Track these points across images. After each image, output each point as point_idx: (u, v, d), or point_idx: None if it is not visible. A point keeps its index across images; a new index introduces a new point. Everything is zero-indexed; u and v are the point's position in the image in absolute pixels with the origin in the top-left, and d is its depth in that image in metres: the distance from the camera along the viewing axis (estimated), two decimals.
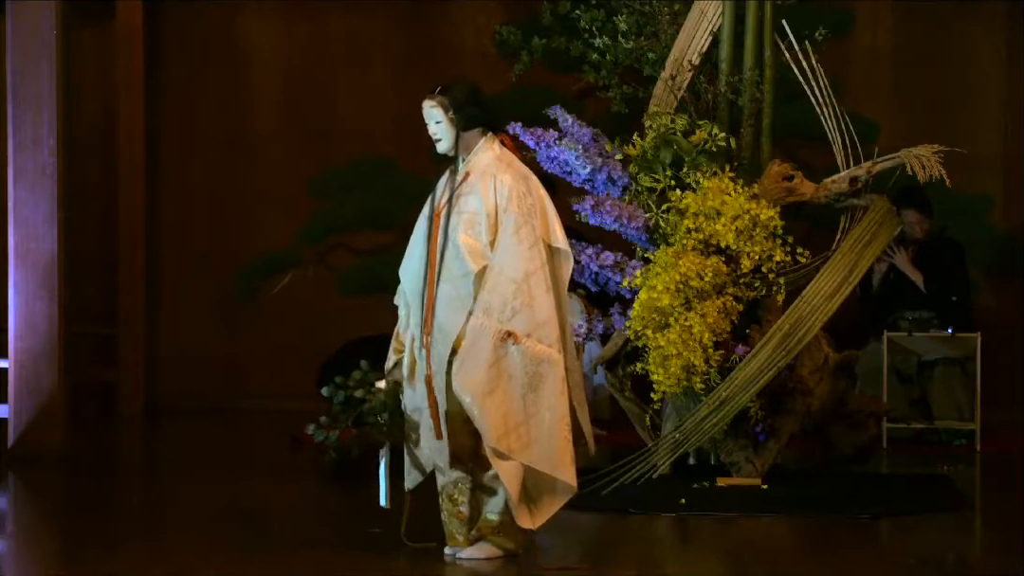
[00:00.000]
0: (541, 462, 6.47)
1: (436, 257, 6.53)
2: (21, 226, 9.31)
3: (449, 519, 6.68)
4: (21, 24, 9.32)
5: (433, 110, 6.64)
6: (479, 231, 6.49)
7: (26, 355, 9.26)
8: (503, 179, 6.52)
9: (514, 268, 6.44)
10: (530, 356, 6.43)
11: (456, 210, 6.54)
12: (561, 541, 7.57)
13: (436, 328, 6.49)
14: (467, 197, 6.55)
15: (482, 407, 6.39)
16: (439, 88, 6.67)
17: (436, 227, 6.58)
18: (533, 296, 6.45)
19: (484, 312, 6.42)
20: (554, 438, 6.48)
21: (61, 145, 9.34)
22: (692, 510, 7.86)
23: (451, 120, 6.61)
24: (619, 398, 8.77)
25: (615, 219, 8.34)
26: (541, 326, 6.45)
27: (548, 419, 6.46)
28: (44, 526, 8.04)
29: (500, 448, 6.41)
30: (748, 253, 8.12)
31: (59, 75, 9.33)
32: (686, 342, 7.98)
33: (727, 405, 8.12)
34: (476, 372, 6.40)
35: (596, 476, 8.15)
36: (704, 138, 8.40)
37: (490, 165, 6.58)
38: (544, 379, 6.46)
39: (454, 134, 6.62)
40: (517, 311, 6.42)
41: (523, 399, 6.44)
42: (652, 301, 8.06)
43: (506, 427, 6.41)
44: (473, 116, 6.62)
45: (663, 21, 8.99)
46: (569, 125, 8.41)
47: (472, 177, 6.58)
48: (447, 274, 6.50)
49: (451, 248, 6.51)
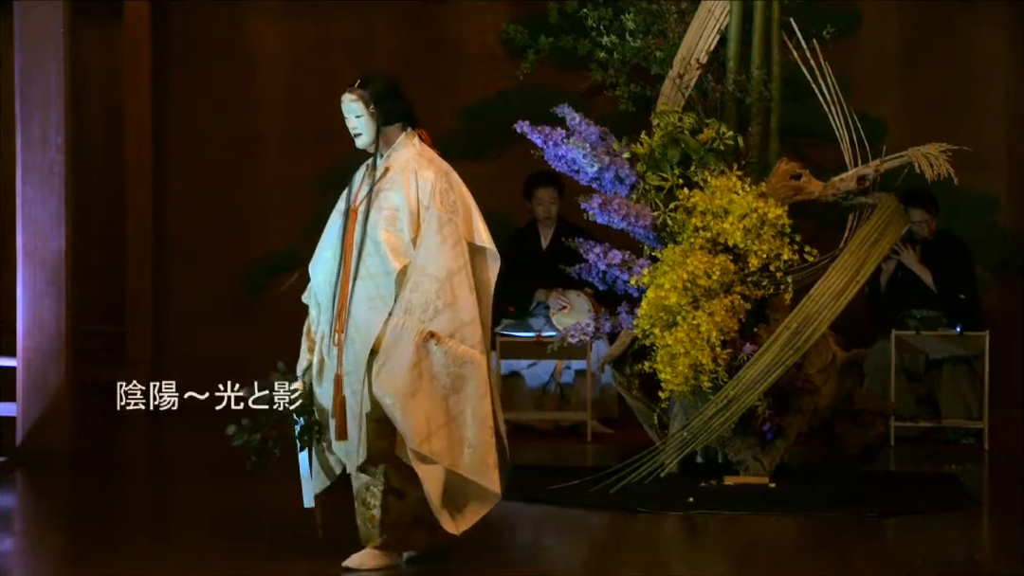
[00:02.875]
0: (464, 466, 6.34)
1: (352, 254, 6.37)
2: (29, 224, 9.31)
3: (363, 522, 6.52)
4: (29, 23, 9.32)
5: (353, 104, 6.49)
6: (400, 228, 6.34)
7: (34, 353, 9.26)
8: (425, 175, 6.39)
9: (437, 267, 6.29)
10: (452, 357, 6.30)
11: (376, 206, 6.38)
12: (568, 540, 7.59)
13: (353, 327, 6.33)
14: (387, 193, 6.40)
15: (404, 409, 6.23)
16: (359, 81, 6.53)
17: (352, 223, 6.42)
18: (456, 296, 6.31)
19: (406, 311, 6.27)
20: (477, 441, 6.35)
21: (68, 144, 9.33)
22: (700, 508, 7.86)
23: (372, 114, 6.47)
24: (626, 397, 8.77)
25: (623, 217, 8.33)
26: (464, 326, 6.32)
27: (471, 422, 6.33)
28: (51, 525, 8.04)
29: (422, 451, 6.25)
30: (756, 252, 8.11)
31: (66, 74, 9.33)
32: (694, 341, 7.97)
33: (735, 404, 8.11)
34: (397, 373, 6.23)
35: (604, 475, 8.15)
36: (712, 136, 8.39)
37: (410, 160, 6.44)
38: (467, 381, 6.32)
39: (374, 128, 6.48)
40: (440, 311, 6.28)
41: (445, 401, 6.30)
42: (660, 299, 8.05)
43: (428, 430, 6.26)
44: (394, 110, 6.50)
45: (671, 20, 8.98)
46: (576, 123, 8.41)
47: (392, 172, 6.43)
48: (365, 271, 6.34)
49: (370, 245, 6.35)
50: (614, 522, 7.80)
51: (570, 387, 10.44)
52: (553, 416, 10.41)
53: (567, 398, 10.45)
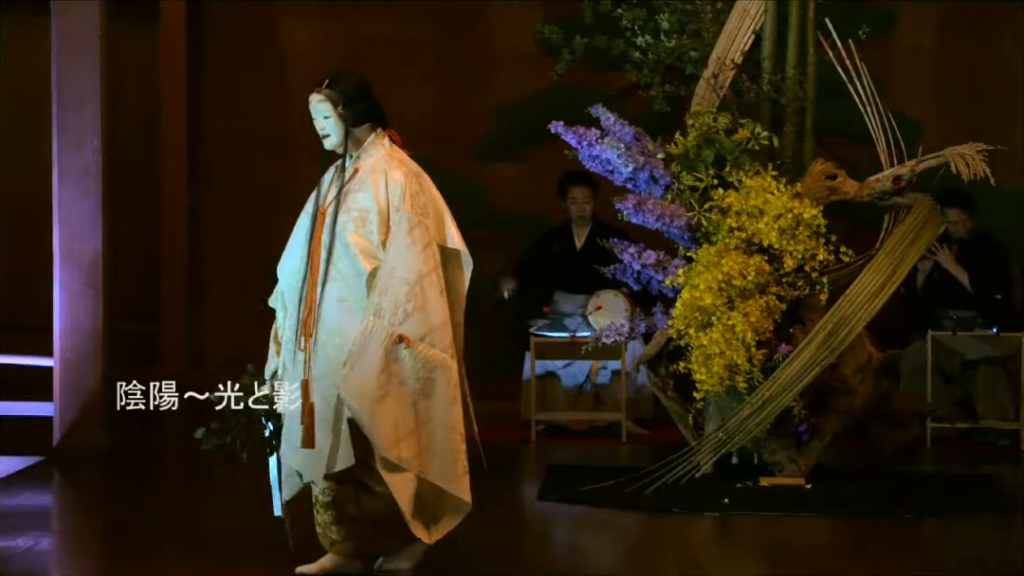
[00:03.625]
0: (433, 473, 6.17)
1: (320, 256, 6.22)
2: (65, 225, 9.34)
3: (330, 527, 6.34)
4: (65, 24, 9.35)
5: (321, 104, 6.33)
6: (370, 230, 6.19)
7: (71, 353, 9.29)
8: (395, 176, 6.24)
9: (407, 269, 6.14)
10: (422, 361, 6.13)
11: (344, 208, 6.24)
12: (603, 540, 7.58)
13: (324, 331, 6.18)
14: (356, 194, 6.26)
15: (372, 414, 6.06)
16: (327, 81, 6.36)
17: (321, 225, 6.27)
18: (427, 299, 6.14)
19: (375, 314, 6.10)
20: (446, 448, 6.19)
21: (105, 145, 9.36)
22: (735, 509, 7.86)
23: (340, 115, 6.30)
24: (661, 397, 8.76)
25: (657, 218, 8.32)
26: (435, 330, 6.15)
27: (440, 428, 6.16)
28: (87, 524, 8.07)
29: (391, 458, 6.09)
30: (791, 252, 8.10)
31: (102, 75, 9.35)
32: (729, 341, 7.96)
33: (770, 404, 8.10)
34: (366, 377, 6.07)
35: (639, 475, 8.15)
36: (746, 137, 8.38)
37: (380, 161, 6.30)
38: (436, 386, 6.16)
39: (343, 129, 6.31)
40: (410, 314, 6.11)
41: (414, 406, 6.14)
42: (695, 300, 8.04)
43: (396, 435, 6.10)
44: (363, 111, 6.33)
45: (705, 19, 8.97)
46: (611, 124, 8.40)
47: (361, 174, 6.29)
48: (336, 274, 6.20)
49: (339, 247, 6.20)
50: (649, 523, 7.79)
51: (605, 387, 10.43)
52: (588, 416, 10.41)
53: (602, 399, 10.45)
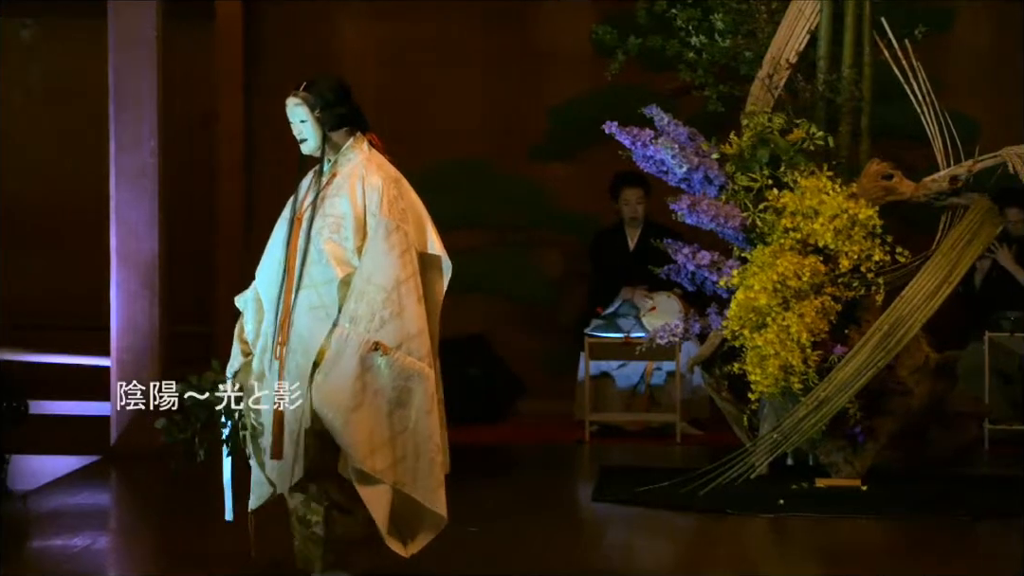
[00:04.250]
0: (408, 484, 5.99)
1: (295, 262, 6.05)
2: (122, 226, 9.39)
3: (304, 543, 6.15)
4: (122, 24, 9.39)
5: (298, 108, 6.17)
6: (345, 235, 6.02)
7: (127, 354, 9.33)
8: (372, 181, 6.07)
9: (384, 276, 5.96)
10: (398, 369, 5.94)
11: (321, 213, 6.07)
12: (658, 541, 7.58)
13: (295, 338, 6.02)
14: (333, 199, 6.09)
15: (346, 423, 5.89)
16: (304, 84, 6.20)
17: (297, 230, 6.10)
18: (403, 306, 5.95)
19: (351, 321, 5.94)
20: (421, 459, 6.01)
21: (161, 146, 9.40)
22: (790, 511, 7.83)
23: (317, 119, 6.14)
24: (716, 398, 8.75)
25: (712, 218, 8.30)
26: (412, 338, 5.96)
27: (415, 438, 5.99)
28: (144, 523, 8.12)
29: (365, 468, 5.91)
30: (847, 252, 8.07)
31: (159, 76, 9.39)
32: (784, 342, 7.93)
33: (825, 406, 8.06)
34: (340, 386, 5.91)
35: (693, 476, 8.13)
36: (802, 137, 8.35)
37: (358, 166, 6.13)
38: (413, 394, 5.96)
39: (321, 134, 6.15)
40: (386, 321, 5.92)
41: (390, 416, 5.95)
42: (749, 301, 8.02)
43: (371, 445, 5.92)
44: (340, 115, 6.17)
45: (760, 19, 8.95)
46: (665, 124, 8.39)
47: (338, 179, 6.13)
48: (308, 280, 6.02)
49: (313, 253, 6.04)
50: (704, 524, 7.78)
51: (659, 388, 10.41)
52: (642, 417, 10.39)
53: (656, 399, 10.43)
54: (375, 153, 6.21)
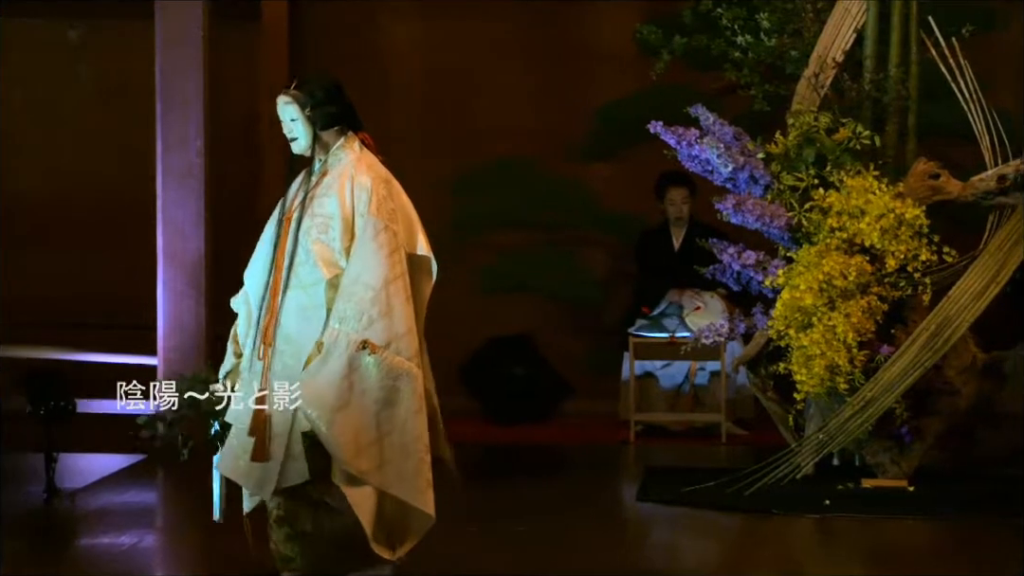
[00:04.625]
0: (394, 485, 5.91)
1: (284, 262, 6.00)
2: (169, 226, 9.43)
3: (283, 543, 6.08)
4: (169, 25, 9.43)
5: (288, 107, 6.07)
6: (333, 236, 5.96)
7: (174, 353, 9.37)
8: (361, 181, 5.99)
9: (372, 275, 5.88)
10: (387, 369, 5.85)
11: (309, 213, 6.00)
12: (703, 541, 7.56)
13: (282, 339, 5.96)
14: (321, 199, 6.02)
15: (331, 423, 5.81)
16: (294, 83, 6.12)
17: (286, 230, 6.04)
18: (392, 305, 5.88)
19: (339, 320, 5.86)
20: (409, 459, 5.91)
21: (207, 146, 9.43)
22: (836, 511, 7.81)
23: (308, 118, 6.04)
24: (761, 398, 8.72)
25: (757, 218, 8.29)
26: (400, 338, 5.87)
27: (402, 439, 5.89)
28: (191, 521, 8.14)
29: (351, 469, 5.84)
30: (893, 252, 8.04)
31: (206, 76, 9.43)
32: (829, 342, 7.91)
33: (872, 406, 8.04)
34: (326, 385, 5.83)
35: (739, 477, 8.11)
36: (848, 136, 8.33)
37: (348, 166, 6.04)
38: (401, 394, 5.87)
39: (311, 133, 6.06)
40: (374, 320, 5.85)
41: (377, 416, 5.85)
42: (795, 300, 8.00)
43: (357, 446, 5.84)
44: (331, 114, 6.07)
45: (806, 18, 8.93)
46: (711, 123, 8.38)
47: (328, 178, 6.05)
48: (296, 281, 5.97)
49: (301, 253, 5.98)
50: (749, 524, 7.76)
51: (704, 388, 10.40)
52: (687, 417, 10.38)
53: (701, 399, 10.41)
54: (367, 153, 6.12)
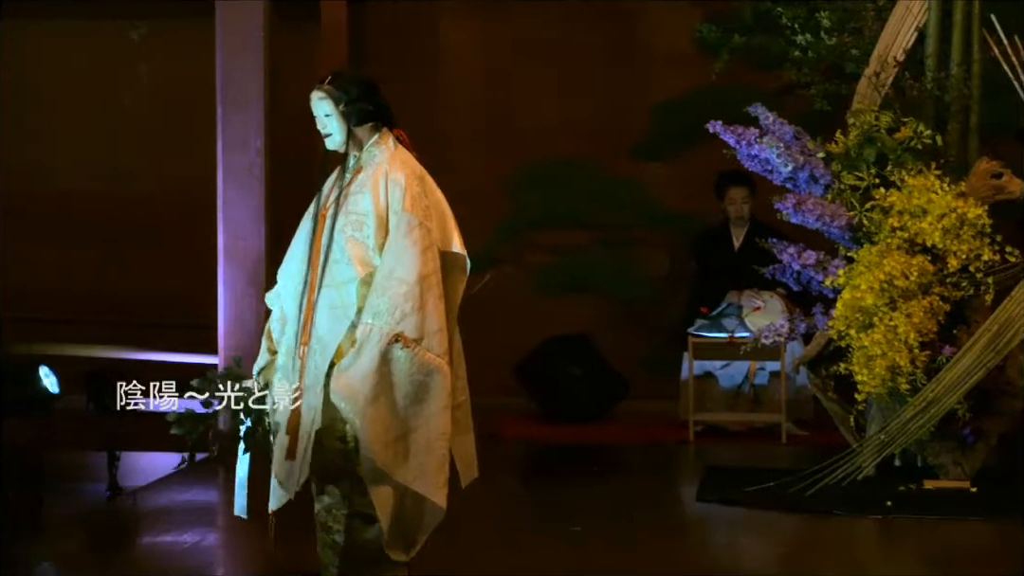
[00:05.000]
0: (416, 480, 5.83)
1: (319, 260, 5.92)
2: (230, 225, 9.46)
3: (323, 549, 6.03)
4: (229, 25, 9.46)
5: (322, 102, 5.99)
6: (367, 234, 5.88)
7: (234, 352, 9.36)
8: (395, 177, 5.90)
9: (405, 270, 5.81)
10: (418, 364, 5.79)
11: (344, 210, 5.93)
12: (764, 542, 7.54)
13: (315, 339, 5.91)
14: (356, 197, 5.94)
15: (363, 415, 5.75)
16: (328, 78, 6.04)
17: (321, 228, 5.96)
18: (425, 301, 5.80)
19: (372, 315, 5.79)
20: (431, 455, 5.84)
21: (267, 145, 9.47)
22: (898, 512, 7.77)
23: (342, 114, 5.96)
24: (822, 399, 8.69)
25: (817, 218, 8.26)
26: (432, 334, 5.81)
27: (427, 435, 5.83)
28: (253, 520, 8.16)
29: (377, 462, 5.77)
30: (955, 252, 8.00)
31: (266, 76, 9.46)
32: (891, 342, 7.88)
33: (934, 407, 8.00)
34: (359, 377, 5.76)
35: (799, 477, 8.09)
36: (909, 135, 8.29)
37: (383, 163, 5.96)
38: (430, 391, 5.82)
39: (345, 129, 5.97)
40: (407, 314, 5.78)
41: (405, 411, 5.80)
42: (856, 301, 7.97)
43: (385, 440, 5.78)
44: (366, 110, 5.99)
45: (867, 17, 8.90)
46: (770, 123, 8.36)
47: (362, 175, 5.97)
48: (330, 279, 5.90)
49: (337, 251, 5.90)
50: (810, 525, 7.74)
51: (764, 388, 10.37)
52: (747, 417, 10.35)
53: (761, 399, 10.39)
54: (401, 149, 6.04)
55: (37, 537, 7.97)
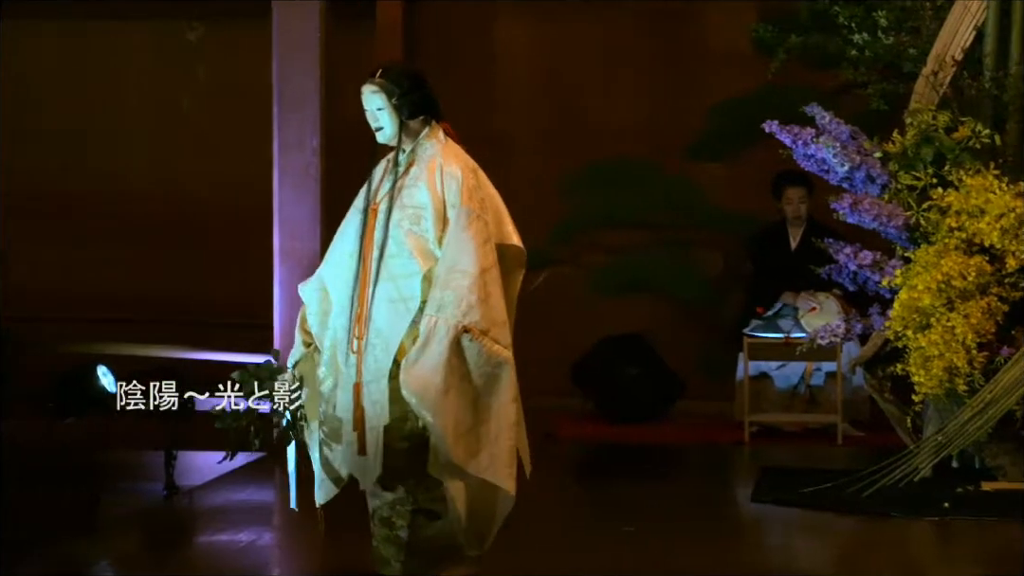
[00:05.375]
0: (487, 470, 5.80)
1: (372, 254, 5.89)
2: (285, 225, 9.50)
3: (383, 544, 5.98)
4: (286, 25, 9.50)
5: (375, 95, 5.93)
6: (425, 227, 5.85)
7: (290, 351, 9.42)
8: (452, 171, 5.89)
9: (468, 263, 5.78)
10: (486, 355, 5.77)
11: (399, 204, 5.90)
12: (820, 543, 7.52)
13: (373, 332, 5.85)
14: (411, 190, 5.91)
15: (435, 409, 5.71)
16: (379, 71, 5.97)
17: (372, 221, 5.93)
18: (489, 293, 5.78)
19: (438, 309, 5.75)
20: (500, 445, 5.81)
21: (323, 145, 9.49)
22: (955, 514, 7.72)
23: (394, 107, 5.92)
24: (878, 399, 8.66)
25: (874, 218, 8.23)
26: (498, 326, 5.80)
27: (497, 427, 5.80)
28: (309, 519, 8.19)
29: (450, 456, 5.74)
30: (1014, 252, 7.96)
31: (322, 76, 9.49)
32: (948, 343, 7.84)
33: (991, 408, 7.94)
34: (429, 371, 5.71)
35: (856, 478, 8.05)
36: (967, 135, 8.25)
37: (436, 156, 5.93)
38: (499, 382, 5.80)
39: (397, 122, 5.93)
40: (473, 306, 5.74)
41: (475, 403, 5.78)
42: (913, 301, 7.93)
43: (456, 434, 5.75)
44: (418, 103, 5.94)
45: (924, 16, 8.86)
46: (826, 123, 8.34)
47: (416, 168, 5.94)
48: (387, 273, 5.86)
49: (393, 245, 5.87)
50: (866, 526, 7.70)
51: (820, 389, 10.33)
52: (802, 418, 10.32)
53: (817, 400, 10.35)
54: (451, 143, 6.02)
55: (94, 536, 8.02)
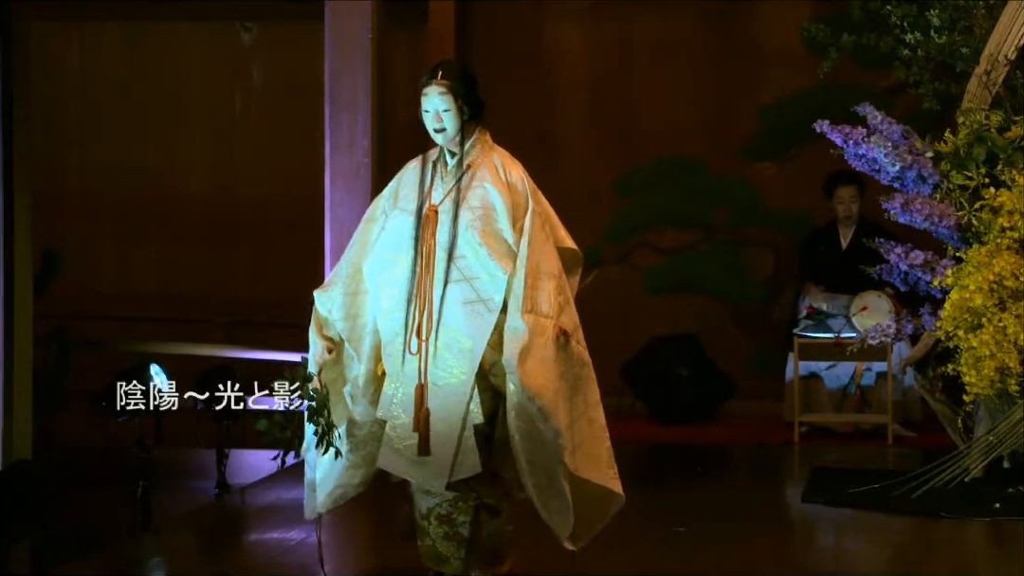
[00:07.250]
0: (586, 469, 5.83)
1: (436, 256, 5.83)
2: (336, 226, 9.53)
3: (441, 541, 5.94)
4: (338, 27, 9.53)
5: (443, 97, 5.86)
6: (500, 228, 5.84)
7: None
8: (515, 174, 5.91)
9: (550, 264, 5.83)
10: (576, 357, 5.83)
11: (466, 206, 5.85)
12: (871, 544, 7.50)
13: (447, 335, 5.79)
14: (476, 191, 5.87)
15: (552, 408, 5.69)
16: (441, 72, 5.91)
17: (432, 224, 5.87)
18: (568, 295, 5.87)
19: (531, 309, 5.74)
20: (599, 446, 5.87)
21: (375, 147, 9.52)
22: (1007, 515, 7.69)
23: (459, 109, 5.88)
24: (929, 400, 8.63)
25: (925, 217, 8.21)
26: (579, 328, 5.87)
27: (590, 426, 5.85)
28: (359, 517, 8.24)
29: (563, 454, 5.73)
30: None
31: (374, 77, 9.51)
32: (1000, 343, 7.81)
33: None
34: (545, 368, 5.71)
35: (906, 479, 8.03)
36: (1020, 134, 8.22)
37: (492, 158, 5.94)
38: (586, 383, 5.85)
39: (459, 124, 5.89)
40: (562, 307, 5.81)
41: (570, 401, 5.79)
42: (964, 301, 7.91)
43: (564, 430, 5.75)
44: (478, 105, 5.93)
45: (978, 15, 8.83)
46: (878, 122, 8.31)
47: (476, 170, 5.92)
48: (459, 274, 5.80)
49: (465, 247, 5.82)
50: (917, 527, 7.68)
51: (871, 389, 10.30)
52: (853, 418, 10.29)
53: (867, 400, 10.32)
54: (499, 146, 6.03)
55: (147, 534, 8.10)
